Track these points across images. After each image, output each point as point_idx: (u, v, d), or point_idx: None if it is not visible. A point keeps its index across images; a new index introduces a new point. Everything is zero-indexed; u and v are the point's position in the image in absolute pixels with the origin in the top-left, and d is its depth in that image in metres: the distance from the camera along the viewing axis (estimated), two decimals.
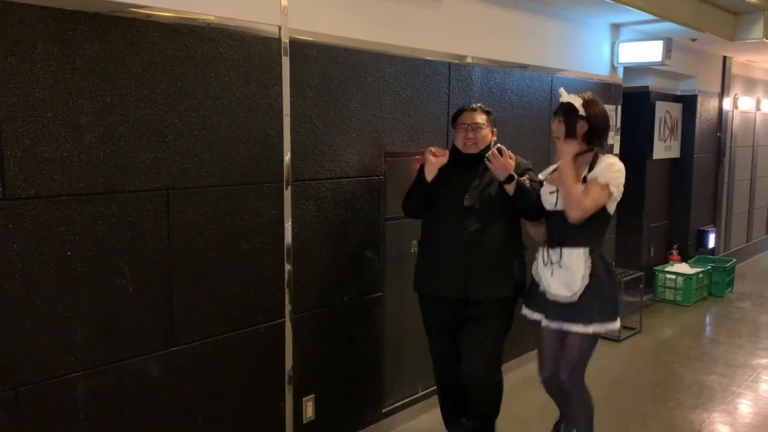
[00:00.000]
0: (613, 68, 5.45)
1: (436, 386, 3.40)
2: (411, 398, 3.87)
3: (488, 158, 2.97)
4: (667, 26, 5.27)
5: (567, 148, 2.93)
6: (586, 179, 2.89)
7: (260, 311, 2.99)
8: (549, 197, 2.99)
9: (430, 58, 3.74)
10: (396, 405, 3.79)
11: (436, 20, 3.76)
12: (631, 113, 6.07)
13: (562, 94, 2.99)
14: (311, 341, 3.25)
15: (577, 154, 2.96)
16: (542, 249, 3.04)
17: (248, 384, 2.98)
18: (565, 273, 2.91)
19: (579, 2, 4.55)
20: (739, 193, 8.45)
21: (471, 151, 3.08)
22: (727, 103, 7.76)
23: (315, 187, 3.19)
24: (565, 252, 2.91)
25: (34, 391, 2.30)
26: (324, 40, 3.14)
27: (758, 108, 8.74)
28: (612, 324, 2.93)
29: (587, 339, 2.93)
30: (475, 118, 3.10)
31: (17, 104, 2.18)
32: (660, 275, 6.64)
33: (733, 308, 6.49)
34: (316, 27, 3.11)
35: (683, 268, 6.64)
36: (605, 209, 2.91)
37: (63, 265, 2.34)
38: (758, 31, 5.93)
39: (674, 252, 7.03)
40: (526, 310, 3.11)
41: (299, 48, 3.03)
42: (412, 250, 3.47)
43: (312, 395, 3.27)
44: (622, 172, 2.91)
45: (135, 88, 2.47)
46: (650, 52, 5.34)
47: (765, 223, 9.43)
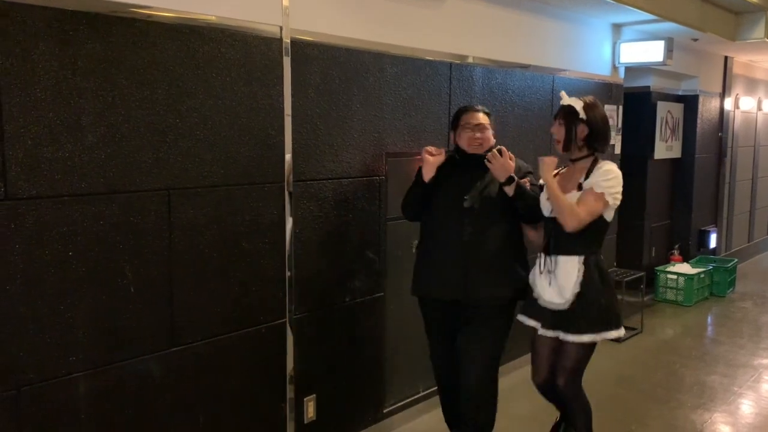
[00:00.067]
0: (615, 68, 5.45)
1: (437, 387, 3.39)
2: (412, 398, 3.87)
3: (488, 159, 2.97)
4: (669, 26, 5.27)
5: (546, 164, 2.90)
6: (582, 186, 2.86)
7: (261, 311, 2.99)
8: (546, 203, 2.95)
9: (432, 58, 3.74)
10: (397, 405, 3.79)
11: (438, 20, 3.76)
12: (633, 113, 6.08)
13: (563, 97, 2.97)
14: (312, 341, 3.25)
15: (576, 159, 2.95)
16: (539, 256, 3.02)
17: (249, 384, 2.98)
18: (559, 280, 2.87)
19: (580, 2, 4.55)
20: (741, 193, 8.44)
21: (476, 152, 3.06)
22: (729, 103, 7.75)
23: (316, 187, 3.19)
24: (561, 259, 2.89)
25: (36, 391, 2.30)
26: (325, 40, 3.14)
27: (759, 108, 8.74)
28: (609, 333, 2.87)
29: (583, 347, 2.90)
30: (481, 119, 3.09)
31: (19, 104, 2.18)
32: (661, 275, 6.63)
33: (735, 308, 6.48)
34: (318, 27, 3.11)
35: (684, 268, 6.64)
36: (602, 217, 2.87)
37: (64, 266, 2.34)
38: (760, 31, 5.93)
39: (675, 252, 7.03)
40: (522, 317, 3.06)
41: (300, 48, 3.03)
42: (413, 250, 3.46)
43: (313, 395, 3.28)
44: (619, 180, 2.86)
45: (136, 89, 2.47)
46: (651, 52, 5.33)
47: (766, 223, 9.42)
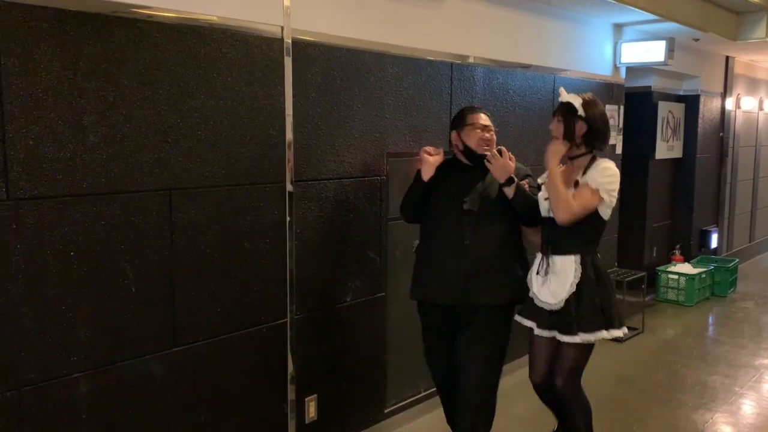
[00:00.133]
0: (616, 68, 5.44)
1: (436, 388, 3.37)
2: (413, 398, 3.87)
3: (488, 159, 2.96)
4: (670, 26, 5.26)
5: (554, 148, 2.90)
6: (579, 183, 2.85)
7: (263, 311, 2.99)
8: (544, 203, 2.94)
9: (433, 58, 3.74)
10: (398, 405, 3.79)
11: (438, 20, 3.76)
12: (634, 113, 6.07)
13: (562, 94, 2.96)
14: (313, 341, 3.25)
15: (574, 157, 2.94)
16: (537, 257, 3.01)
17: (251, 384, 2.98)
18: (555, 280, 2.87)
19: (581, 2, 4.55)
20: (742, 193, 8.43)
21: (485, 152, 3.02)
22: (730, 103, 7.74)
23: (317, 187, 3.19)
24: (557, 259, 2.88)
25: (37, 392, 2.30)
26: (326, 41, 3.14)
27: (761, 108, 8.73)
28: (604, 333, 2.85)
29: (580, 347, 2.88)
30: (487, 120, 3.09)
31: (20, 105, 2.19)
32: (662, 275, 6.62)
33: (736, 308, 6.48)
34: (319, 27, 3.11)
35: (686, 268, 6.63)
36: (599, 215, 2.85)
37: (66, 266, 2.34)
38: (761, 31, 5.92)
39: (677, 252, 7.02)
40: (519, 317, 3.05)
41: (301, 48, 3.03)
42: (414, 250, 3.46)
43: (314, 395, 3.28)
44: (616, 178, 2.86)
45: (137, 89, 2.48)
46: (653, 52, 5.32)
47: None
